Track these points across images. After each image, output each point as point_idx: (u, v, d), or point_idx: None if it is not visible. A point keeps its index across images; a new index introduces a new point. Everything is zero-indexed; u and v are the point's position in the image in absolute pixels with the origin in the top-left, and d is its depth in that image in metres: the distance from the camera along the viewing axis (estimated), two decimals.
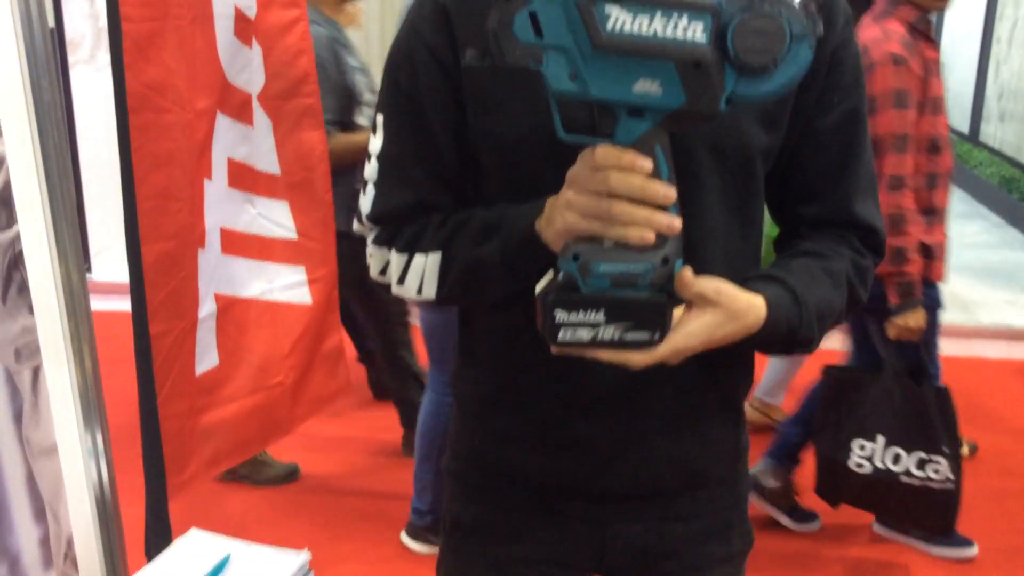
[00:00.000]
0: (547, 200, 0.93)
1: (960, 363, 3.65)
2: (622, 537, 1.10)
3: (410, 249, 1.04)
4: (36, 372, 1.38)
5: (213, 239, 1.56)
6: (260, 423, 1.78)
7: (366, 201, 1.07)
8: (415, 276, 1.04)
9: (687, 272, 0.90)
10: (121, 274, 1.45)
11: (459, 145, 1.03)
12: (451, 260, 1.01)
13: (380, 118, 1.05)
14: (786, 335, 0.97)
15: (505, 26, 0.81)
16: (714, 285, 0.92)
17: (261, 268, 1.72)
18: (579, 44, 0.81)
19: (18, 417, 1.39)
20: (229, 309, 1.64)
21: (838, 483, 2.51)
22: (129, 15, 1.30)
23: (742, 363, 1.11)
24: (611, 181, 0.84)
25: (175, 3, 1.35)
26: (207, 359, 1.60)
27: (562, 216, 0.89)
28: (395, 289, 1.07)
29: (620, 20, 0.80)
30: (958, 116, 6.47)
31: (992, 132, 6.56)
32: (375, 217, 1.06)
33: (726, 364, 1.05)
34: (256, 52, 1.56)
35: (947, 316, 2.62)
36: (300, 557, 1.21)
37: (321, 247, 1.84)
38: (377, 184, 1.06)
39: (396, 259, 1.05)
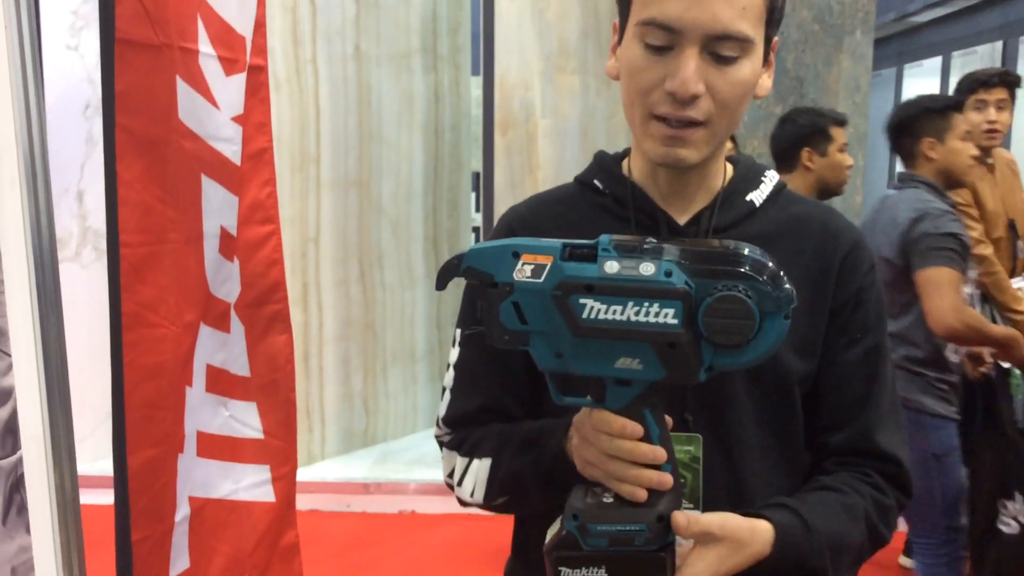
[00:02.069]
0: (574, 419, 0.99)
1: None
2: None
3: (470, 455, 1.13)
4: None
5: (190, 443, 1.61)
6: None
7: (443, 406, 1.18)
8: (471, 479, 1.12)
9: (679, 516, 0.92)
10: (102, 467, 1.49)
11: (526, 357, 1.11)
12: (497, 468, 1.10)
13: (458, 333, 1.18)
14: (796, 563, 0.99)
15: (492, 313, 0.89)
16: (719, 520, 0.95)
17: (230, 469, 1.75)
18: (559, 330, 0.88)
19: None
20: (201, 511, 1.67)
21: None
22: (128, 241, 1.39)
23: None
24: (603, 444, 0.92)
25: (171, 228, 1.46)
26: (180, 562, 1.61)
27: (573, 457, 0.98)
28: (457, 491, 1.15)
29: (595, 309, 0.86)
30: None
31: None
32: (449, 420, 1.17)
33: None
34: (235, 265, 1.67)
35: None
36: None
37: (284, 445, 1.89)
38: (453, 391, 1.17)
39: (460, 463, 1.14)
